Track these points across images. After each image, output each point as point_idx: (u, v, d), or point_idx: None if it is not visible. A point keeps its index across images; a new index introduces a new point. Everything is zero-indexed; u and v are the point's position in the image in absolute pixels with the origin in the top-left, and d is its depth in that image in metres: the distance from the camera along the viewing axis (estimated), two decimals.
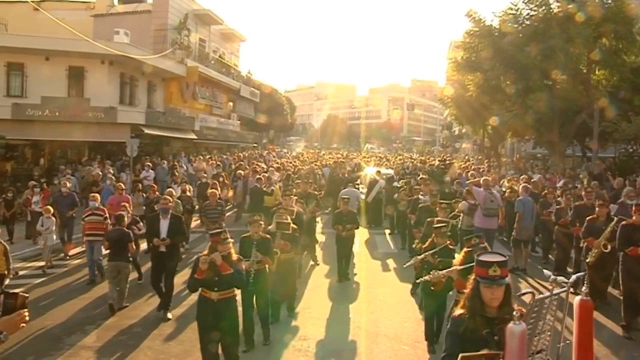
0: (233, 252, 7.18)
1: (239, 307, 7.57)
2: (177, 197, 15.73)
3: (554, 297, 4.11)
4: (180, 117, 35.60)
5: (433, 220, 10.19)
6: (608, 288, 11.13)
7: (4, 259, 9.44)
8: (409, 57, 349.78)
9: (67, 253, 15.22)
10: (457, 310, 4.12)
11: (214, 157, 31.60)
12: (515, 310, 3.73)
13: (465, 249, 7.25)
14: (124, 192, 15.30)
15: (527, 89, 23.45)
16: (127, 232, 10.91)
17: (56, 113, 26.60)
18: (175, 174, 22.75)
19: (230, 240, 7.10)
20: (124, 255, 10.67)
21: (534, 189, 15.91)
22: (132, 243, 11.01)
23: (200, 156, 31.39)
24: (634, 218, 9.55)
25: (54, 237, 14.35)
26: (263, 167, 26.01)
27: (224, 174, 23.13)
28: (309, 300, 11.43)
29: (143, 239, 13.16)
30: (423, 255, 8.40)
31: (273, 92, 62.50)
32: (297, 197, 13.45)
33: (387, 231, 19.36)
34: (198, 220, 18.28)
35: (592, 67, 24.03)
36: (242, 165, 27.63)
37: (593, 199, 12.72)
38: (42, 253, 14.29)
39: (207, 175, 22.04)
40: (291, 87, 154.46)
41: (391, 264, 14.89)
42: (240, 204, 21.38)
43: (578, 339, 4.53)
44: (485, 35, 25.32)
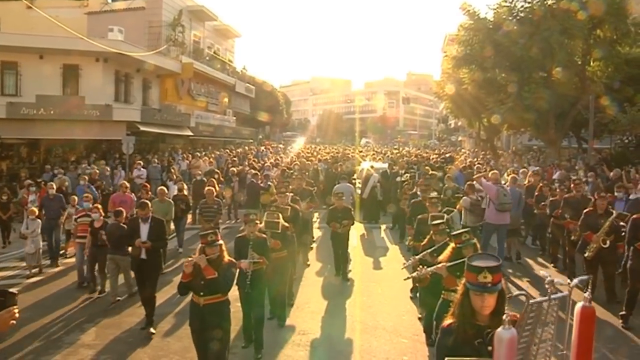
0: (226, 254, 6.93)
1: (234, 311, 7.30)
2: (173, 196, 15.66)
3: (554, 302, 3.66)
4: (176, 114, 35.48)
5: (424, 216, 9.97)
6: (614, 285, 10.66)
7: None
8: (404, 50, 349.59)
9: (66, 251, 14.97)
10: (447, 319, 3.85)
11: (208, 154, 31.36)
12: (506, 314, 3.36)
13: (454, 244, 6.99)
14: (127, 191, 15.01)
15: (522, 81, 23.48)
16: (124, 227, 10.84)
17: (51, 111, 26.49)
18: (172, 171, 22.65)
19: (219, 242, 6.77)
20: (122, 249, 10.61)
21: (534, 182, 15.91)
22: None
23: (197, 153, 31.10)
24: None
25: (40, 239, 13.52)
26: (259, 163, 25.99)
27: (218, 170, 22.81)
28: (307, 295, 11.43)
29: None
30: (421, 254, 7.94)
31: (268, 88, 62.43)
32: (292, 193, 13.31)
33: (383, 226, 19.22)
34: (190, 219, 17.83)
35: (587, 59, 24.05)
36: (235, 162, 27.40)
37: (583, 190, 12.64)
38: (27, 258, 13.29)
39: (201, 172, 21.43)
40: (286, 82, 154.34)
41: (388, 258, 14.88)
42: (236, 201, 21.00)
43: (577, 349, 3.96)
44: (480, 28, 25.32)
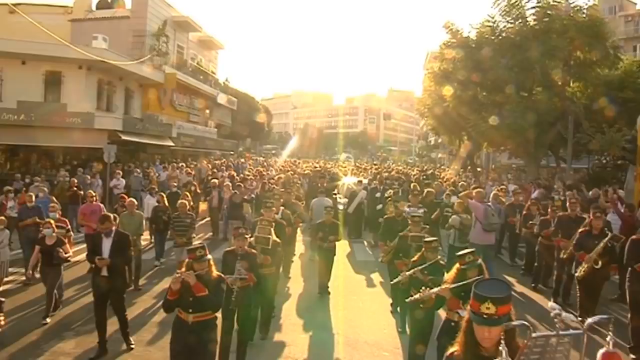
0: (214, 269, 6.59)
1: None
2: (154, 207, 15.33)
3: (564, 339, 3.25)
4: (158, 124, 35.35)
5: (405, 234, 9.86)
6: (596, 306, 10.27)
7: None
8: (386, 67, 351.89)
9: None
10: (452, 347, 3.56)
11: (187, 165, 31.05)
12: (502, 345, 3.09)
13: (458, 265, 6.67)
14: (94, 200, 14.42)
15: (503, 100, 23.79)
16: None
17: (32, 118, 26.31)
18: (150, 182, 22.41)
19: (208, 257, 6.51)
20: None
21: (515, 200, 16.06)
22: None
23: (174, 163, 30.70)
24: None
25: (8, 251, 12.13)
26: (239, 176, 25.81)
27: (195, 183, 22.19)
28: (289, 308, 11.43)
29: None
30: (412, 271, 7.76)
31: (250, 100, 62.47)
32: (283, 207, 13.33)
33: (365, 242, 19.17)
34: None
35: (567, 80, 24.43)
36: (216, 173, 27.24)
37: (577, 210, 12.30)
38: None
39: (176, 184, 20.91)
40: (268, 95, 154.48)
41: (369, 273, 14.85)
42: (214, 218, 20.13)
43: None
44: (462, 46, 25.66)
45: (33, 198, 14.31)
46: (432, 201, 15.90)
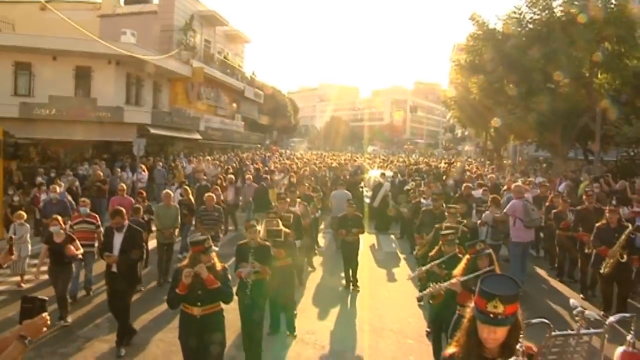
0: (217, 261, 6.44)
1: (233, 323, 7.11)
2: (178, 201, 14.80)
3: (582, 339, 3.05)
4: (186, 118, 35.83)
5: (441, 226, 9.66)
6: (625, 302, 10.09)
7: None
8: (412, 59, 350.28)
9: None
10: (450, 347, 3.31)
11: (215, 157, 31.15)
12: (520, 344, 2.85)
13: (468, 255, 6.61)
14: (125, 194, 14.31)
15: (530, 91, 23.68)
16: (143, 223, 11.27)
17: (63, 112, 26.87)
18: (176, 175, 22.62)
19: (214, 248, 6.48)
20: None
21: (541, 193, 15.97)
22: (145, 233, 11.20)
23: (200, 157, 30.87)
24: None
25: (29, 247, 12.42)
26: (265, 168, 25.98)
27: (221, 176, 21.61)
28: (313, 298, 11.58)
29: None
30: (429, 266, 7.66)
31: (276, 94, 62.76)
32: (299, 199, 13.42)
33: (393, 237, 19.03)
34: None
35: (595, 71, 24.21)
36: (235, 167, 27.24)
37: (594, 202, 12.25)
38: (13, 266, 11.77)
39: (206, 177, 20.93)
40: (294, 88, 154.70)
41: (395, 264, 15.00)
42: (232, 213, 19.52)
43: None
44: (489, 38, 25.56)
45: (58, 190, 14.45)
46: (469, 195, 15.69)
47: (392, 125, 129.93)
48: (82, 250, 9.98)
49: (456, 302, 6.99)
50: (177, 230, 14.04)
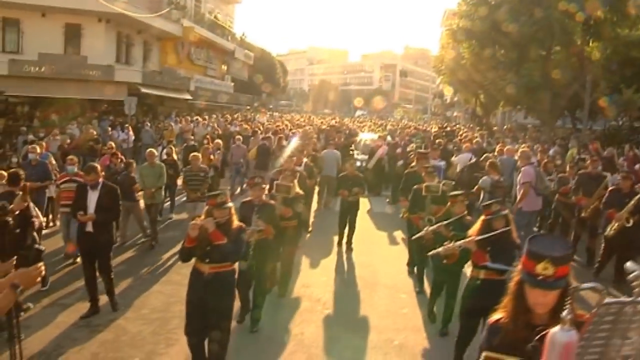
0: (235, 219, 6.25)
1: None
2: (162, 160, 14.29)
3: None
4: (176, 77, 35.64)
5: (420, 187, 9.39)
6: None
7: None
8: (401, 24, 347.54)
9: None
10: (496, 312, 3.03)
11: (203, 118, 30.55)
12: (568, 309, 2.47)
13: (484, 216, 6.43)
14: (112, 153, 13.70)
15: (521, 58, 23.80)
16: (133, 177, 11.37)
17: (53, 70, 26.58)
18: (165, 135, 22.31)
19: (229, 204, 6.18)
20: (131, 196, 11.01)
21: (541, 159, 15.81)
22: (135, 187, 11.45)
23: (188, 117, 30.29)
24: None
25: None
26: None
27: (208, 136, 20.43)
28: (307, 255, 11.60)
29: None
30: (436, 226, 7.44)
31: (266, 56, 62.34)
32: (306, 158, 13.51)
33: (386, 199, 18.79)
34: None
35: (586, 39, 24.33)
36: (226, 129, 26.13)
37: (598, 168, 12.17)
38: None
39: (194, 137, 20.48)
40: (284, 51, 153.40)
41: (386, 224, 15.04)
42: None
43: None
44: (482, 3, 25.57)
45: (38, 150, 12.65)
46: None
47: (381, 89, 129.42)
48: (42, 219, 9.45)
49: (461, 265, 7.23)
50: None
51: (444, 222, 7.36)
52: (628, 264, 3.00)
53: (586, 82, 23.64)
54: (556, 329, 2.41)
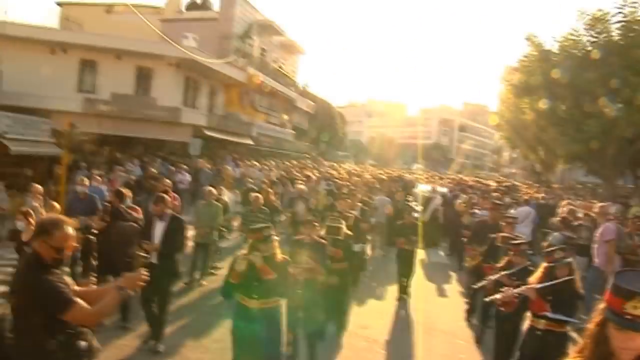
0: (278, 252, 6.04)
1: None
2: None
3: None
4: (239, 122, 36.61)
5: (496, 236, 9.00)
6: None
7: None
8: (460, 80, 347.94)
9: None
10: (573, 356, 2.71)
11: (262, 163, 30.86)
12: None
13: (545, 263, 6.19)
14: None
15: (583, 114, 23.65)
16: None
17: (124, 109, 27.85)
18: (224, 179, 22.74)
19: (275, 238, 6.04)
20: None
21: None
22: None
23: (246, 161, 30.88)
24: None
25: None
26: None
27: (267, 180, 20.31)
28: (365, 299, 11.68)
29: None
30: (498, 276, 7.09)
31: (326, 106, 63.31)
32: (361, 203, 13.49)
33: (442, 253, 18.49)
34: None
35: None
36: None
37: None
38: None
39: (252, 181, 20.51)
40: (343, 103, 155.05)
41: (445, 275, 14.98)
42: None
43: None
44: (544, 59, 25.66)
45: (86, 182, 12.06)
46: None
47: (438, 144, 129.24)
48: None
49: (518, 314, 6.81)
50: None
51: (506, 272, 7.06)
52: None
53: None
54: None
